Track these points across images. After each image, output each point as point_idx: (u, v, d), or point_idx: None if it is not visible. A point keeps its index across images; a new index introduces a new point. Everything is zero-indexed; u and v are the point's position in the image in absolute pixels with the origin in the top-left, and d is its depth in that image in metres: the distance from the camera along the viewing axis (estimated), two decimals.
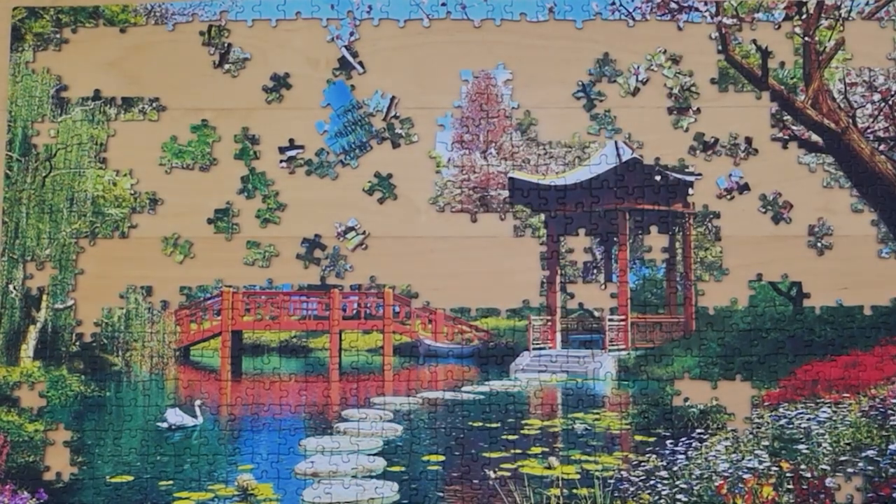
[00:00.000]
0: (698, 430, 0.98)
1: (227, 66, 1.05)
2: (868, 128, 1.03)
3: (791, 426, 0.97)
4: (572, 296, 1.02)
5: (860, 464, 0.96)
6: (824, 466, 0.96)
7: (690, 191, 1.03)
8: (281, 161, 1.04)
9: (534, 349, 1.01)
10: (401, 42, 1.05)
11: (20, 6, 1.06)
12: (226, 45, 1.05)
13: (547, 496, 0.96)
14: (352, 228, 1.02)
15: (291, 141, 1.04)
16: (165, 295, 1.02)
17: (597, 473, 0.97)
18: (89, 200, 1.03)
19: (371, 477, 0.97)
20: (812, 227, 1.01)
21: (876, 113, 1.03)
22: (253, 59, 1.05)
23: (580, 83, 1.04)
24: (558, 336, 1.01)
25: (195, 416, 0.99)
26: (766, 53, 1.04)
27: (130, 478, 0.98)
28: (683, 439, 0.98)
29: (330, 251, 1.02)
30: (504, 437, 0.98)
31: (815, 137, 1.03)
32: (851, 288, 1.00)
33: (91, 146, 1.04)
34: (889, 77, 1.03)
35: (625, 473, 0.97)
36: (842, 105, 1.03)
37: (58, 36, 1.06)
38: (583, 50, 1.05)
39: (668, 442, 0.98)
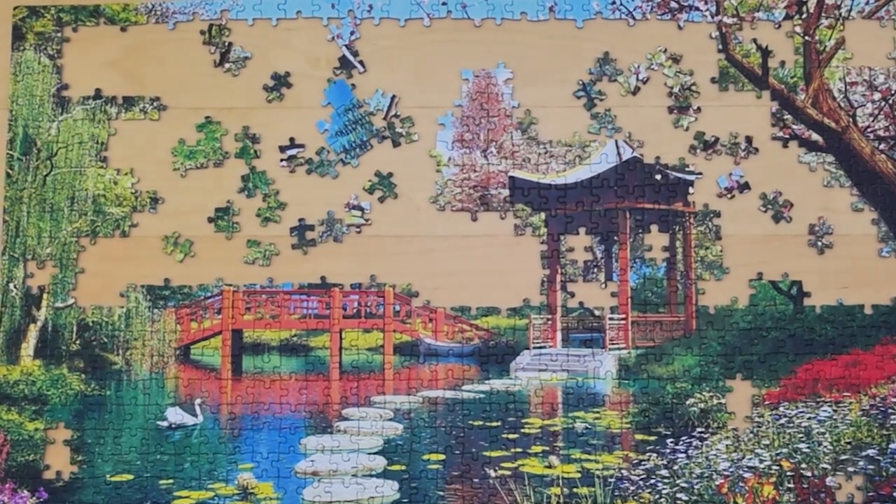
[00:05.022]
0: (699, 429, 0.98)
1: (227, 66, 1.05)
2: (868, 127, 1.03)
3: (791, 425, 0.97)
4: (573, 294, 1.02)
5: (861, 463, 0.96)
6: (825, 465, 0.96)
7: (691, 190, 1.03)
8: (281, 160, 1.04)
9: (534, 348, 1.01)
10: (401, 41, 1.05)
11: (21, 5, 1.06)
12: (226, 44, 1.05)
13: (547, 495, 0.96)
14: (360, 208, 1.02)
15: (292, 140, 1.04)
16: (165, 294, 1.01)
17: (597, 472, 0.97)
18: (90, 199, 1.03)
19: (371, 476, 0.97)
20: (812, 226, 1.01)
21: (876, 112, 1.03)
22: (253, 58, 1.05)
23: (580, 82, 1.04)
24: (559, 335, 1.01)
25: (195, 415, 0.99)
26: (766, 52, 1.04)
27: (130, 476, 0.98)
28: (684, 438, 0.98)
29: (323, 219, 1.01)
30: (504, 435, 0.98)
31: (815, 136, 1.03)
32: (852, 287, 1.00)
33: (92, 145, 1.04)
34: (889, 76, 1.03)
35: (625, 472, 0.97)
36: (842, 104, 1.04)
37: (58, 35, 1.06)
38: (583, 49, 1.05)
39: (668, 441, 0.98)
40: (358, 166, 1.04)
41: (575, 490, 0.96)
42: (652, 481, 0.96)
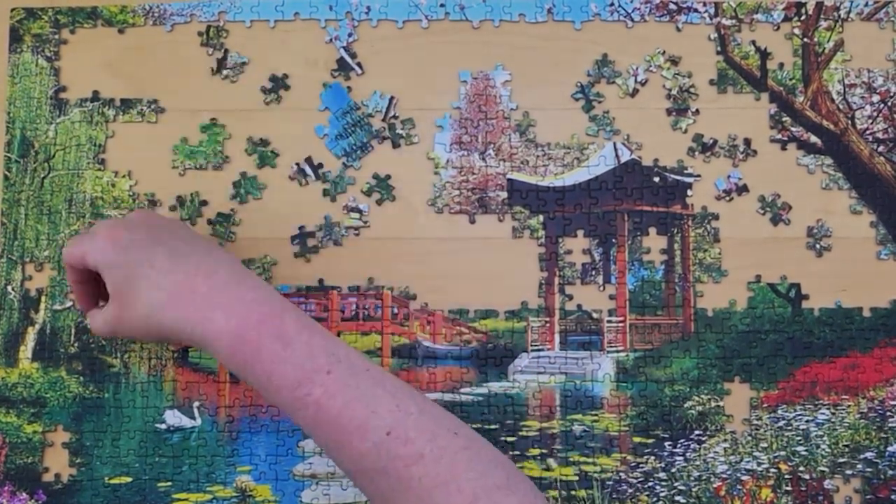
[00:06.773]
0: (697, 432, 0.98)
1: (225, 72, 1.05)
2: (867, 129, 1.03)
3: (790, 428, 0.97)
4: (571, 297, 1.02)
5: (859, 465, 0.96)
6: (823, 468, 0.96)
7: (689, 192, 1.03)
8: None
9: (532, 351, 1.01)
10: (399, 43, 1.05)
11: (18, 7, 1.06)
12: (223, 49, 1.05)
13: (545, 498, 0.96)
14: (359, 210, 1.02)
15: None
16: None
17: (595, 475, 0.97)
18: (88, 202, 1.03)
19: None
20: (811, 229, 1.01)
21: (875, 114, 1.03)
22: (251, 60, 1.05)
23: (579, 84, 1.04)
24: (557, 337, 1.01)
25: (193, 418, 0.99)
26: (764, 54, 1.04)
27: (129, 479, 0.98)
28: (682, 441, 0.98)
29: (322, 224, 1.01)
30: (502, 438, 0.98)
31: (814, 139, 1.03)
32: (850, 289, 1.00)
33: (90, 147, 1.04)
34: (888, 78, 1.03)
35: (623, 475, 0.97)
36: (841, 106, 1.03)
37: (56, 37, 1.06)
38: (581, 51, 1.05)
39: (666, 444, 0.98)
40: (360, 168, 1.03)
41: (573, 493, 0.96)
42: (650, 484, 0.97)
